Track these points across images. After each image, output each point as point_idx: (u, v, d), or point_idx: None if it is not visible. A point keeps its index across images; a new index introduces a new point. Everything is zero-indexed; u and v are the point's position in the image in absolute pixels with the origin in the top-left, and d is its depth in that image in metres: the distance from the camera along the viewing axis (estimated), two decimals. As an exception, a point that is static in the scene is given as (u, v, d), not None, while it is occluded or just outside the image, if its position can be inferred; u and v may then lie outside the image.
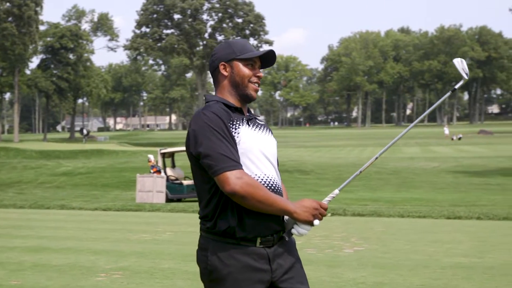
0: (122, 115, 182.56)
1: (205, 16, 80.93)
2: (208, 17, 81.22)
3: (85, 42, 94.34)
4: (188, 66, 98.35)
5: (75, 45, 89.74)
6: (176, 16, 79.68)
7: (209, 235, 2.64)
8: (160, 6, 78.68)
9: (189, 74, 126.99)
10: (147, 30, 79.73)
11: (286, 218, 2.69)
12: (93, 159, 46.30)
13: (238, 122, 2.66)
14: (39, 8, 75.82)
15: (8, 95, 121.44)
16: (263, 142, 2.71)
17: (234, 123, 2.64)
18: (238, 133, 2.63)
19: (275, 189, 2.67)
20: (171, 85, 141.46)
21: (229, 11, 79.35)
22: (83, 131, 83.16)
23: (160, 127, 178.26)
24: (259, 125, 2.77)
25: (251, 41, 77.05)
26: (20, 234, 10.86)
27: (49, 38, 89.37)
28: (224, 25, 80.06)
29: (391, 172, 31.52)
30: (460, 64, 2.96)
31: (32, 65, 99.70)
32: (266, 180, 2.64)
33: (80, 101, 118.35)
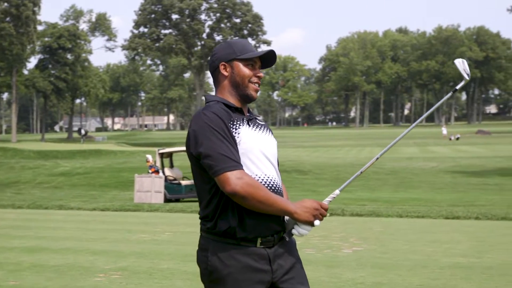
0: (120, 115, 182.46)
1: (203, 16, 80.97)
2: (206, 17, 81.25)
3: (83, 42, 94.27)
4: (186, 66, 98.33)
5: (73, 45, 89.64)
6: (174, 16, 79.68)
7: (210, 235, 2.63)
8: (158, 6, 78.67)
9: (187, 74, 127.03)
10: (145, 30, 79.73)
11: (286, 219, 2.68)
12: (91, 159, 46.27)
13: (239, 122, 2.66)
14: (37, 8, 75.74)
15: (5, 95, 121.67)
16: (263, 142, 2.70)
17: (235, 123, 2.64)
18: (239, 133, 2.62)
19: (276, 189, 2.67)
20: (169, 85, 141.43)
21: (227, 11, 79.35)
22: (81, 131, 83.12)
23: (158, 127, 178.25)
24: (259, 125, 2.77)
25: (249, 41, 76.95)
26: (18, 235, 10.85)
27: (47, 38, 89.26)
28: (222, 25, 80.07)
29: (389, 172, 31.55)
30: (462, 64, 2.96)
31: (30, 65, 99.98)
32: (266, 180, 2.64)
33: (78, 101, 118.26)
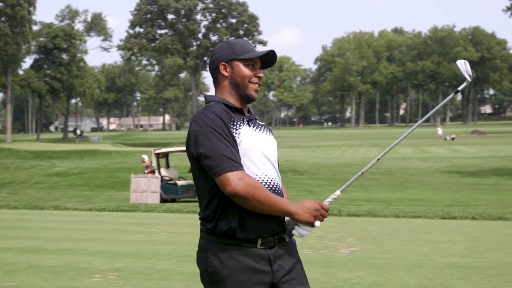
0: (116, 116, 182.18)
1: (199, 16, 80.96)
2: (202, 17, 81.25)
3: (78, 42, 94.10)
4: (181, 66, 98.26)
5: (68, 45, 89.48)
6: (170, 16, 79.64)
7: (210, 236, 2.62)
8: (154, 6, 78.60)
9: (182, 74, 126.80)
10: (141, 30, 79.65)
11: (287, 219, 2.67)
12: (87, 159, 46.18)
13: (239, 122, 2.64)
14: (32, 8, 75.60)
15: (0, 95, 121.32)
16: (263, 143, 2.69)
17: (235, 123, 2.62)
18: (239, 133, 2.61)
19: (276, 189, 2.66)
20: (164, 85, 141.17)
21: (223, 11, 79.33)
22: (77, 132, 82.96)
23: (154, 127, 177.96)
24: (259, 126, 2.76)
25: (245, 41, 76.80)
26: (14, 235, 10.82)
27: (42, 38, 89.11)
28: (218, 25, 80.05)
29: (385, 172, 31.58)
30: (464, 66, 2.96)
31: (25, 65, 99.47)
32: (267, 181, 2.63)
33: (73, 101, 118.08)
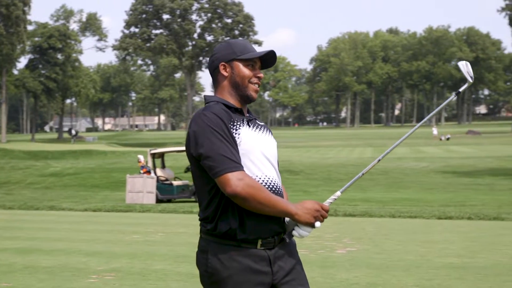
0: (111, 116, 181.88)
1: (194, 16, 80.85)
2: (197, 17, 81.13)
3: (73, 42, 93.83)
4: (177, 66, 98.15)
5: (63, 45, 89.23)
6: (165, 16, 79.52)
7: (210, 237, 2.61)
8: (149, 6, 78.48)
9: (178, 75, 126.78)
10: (136, 30, 79.49)
11: (287, 220, 2.66)
12: (82, 159, 46.08)
13: (239, 123, 2.63)
14: (27, 8, 75.34)
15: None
16: (263, 143, 2.68)
17: (235, 124, 2.61)
18: (239, 134, 2.60)
19: (276, 190, 2.65)
20: (160, 85, 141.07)
21: (218, 11, 79.27)
22: (72, 132, 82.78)
23: (149, 127, 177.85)
24: (259, 126, 2.75)
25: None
26: (10, 236, 10.78)
27: (37, 38, 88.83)
28: (213, 25, 79.98)
29: (381, 173, 31.60)
30: (465, 67, 2.95)
31: (20, 65, 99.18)
32: (267, 181, 2.62)
33: (68, 101, 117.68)
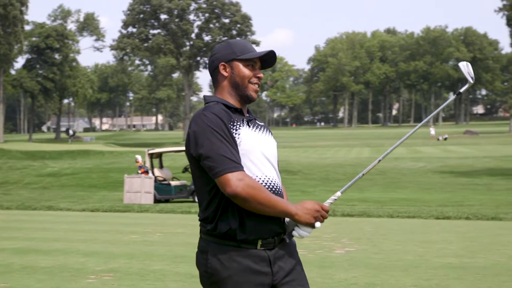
0: (108, 116, 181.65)
1: (192, 16, 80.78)
2: (195, 17, 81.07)
3: (71, 42, 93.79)
4: (174, 66, 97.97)
5: (60, 45, 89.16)
6: (163, 16, 79.43)
7: (210, 237, 2.60)
8: (147, 6, 78.40)
9: (175, 75, 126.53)
10: (134, 30, 79.39)
11: (287, 220, 2.65)
12: (79, 159, 46.04)
13: (239, 123, 2.63)
14: (25, 8, 75.26)
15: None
16: (263, 143, 2.68)
17: (235, 124, 2.61)
18: (239, 134, 2.59)
19: (276, 190, 2.65)
20: (157, 85, 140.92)
21: (216, 11, 79.22)
22: (69, 132, 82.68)
23: (147, 127, 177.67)
24: (259, 126, 2.74)
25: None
26: (8, 236, 10.75)
27: (34, 38, 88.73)
28: (211, 25, 79.91)
29: (378, 173, 31.61)
30: (466, 67, 2.95)
31: (18, 65, 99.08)
32: (267, 182, 2.62)
33: (66, 101, 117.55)
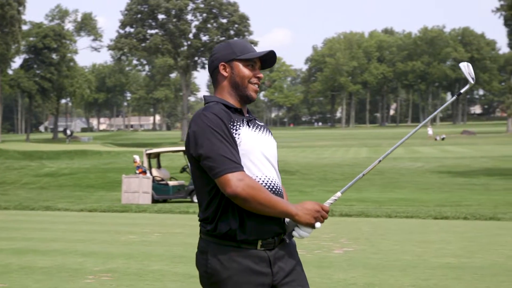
0: (106, 116, 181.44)
1: (189, 16, 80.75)
2: (193, 17, 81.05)
3: (68, 42, 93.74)
4: (172, 66, 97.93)
5: (58, 45, 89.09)
6: (161, 16, 79.41)
7: (210, 238, 2.60)
8: (145, 6, 78.36)
9: (173, 75, 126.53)
10: (131, 30, 79.36)
11: (287, 221, 2.65)
12: (77, 159, 45.99)
13: (239, 123, 2.62)
14: (22, 8, 75.18)
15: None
16: (263, 143, 2.68)
17: (235, 124, 2.60)
18: (239, 134, 2.59)
19: (276, 190, 2.64)
20: (155, 85, 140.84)
21: (214, 11, 79.21)
22: (67, 132, 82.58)
23: (144, 127, 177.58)
24: (259, 126, 2.74)
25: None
26: (6, 236, 10.73)
27: (32, 38, 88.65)
28: (209, 25, 79.90)
29: (376, 173, 31.62)
30: (467, 68, 2.95)
31: (15, 65, 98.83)
32: (267, 182, 2.61)
33: (63, 101, 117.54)
